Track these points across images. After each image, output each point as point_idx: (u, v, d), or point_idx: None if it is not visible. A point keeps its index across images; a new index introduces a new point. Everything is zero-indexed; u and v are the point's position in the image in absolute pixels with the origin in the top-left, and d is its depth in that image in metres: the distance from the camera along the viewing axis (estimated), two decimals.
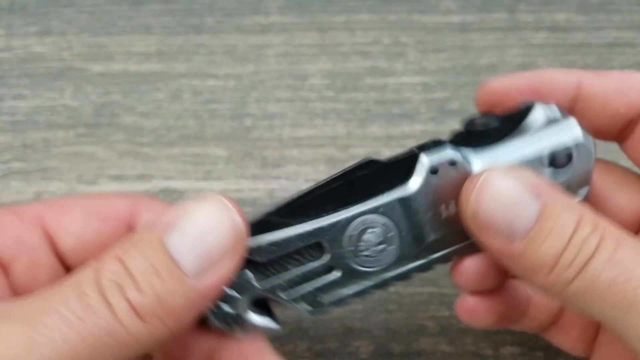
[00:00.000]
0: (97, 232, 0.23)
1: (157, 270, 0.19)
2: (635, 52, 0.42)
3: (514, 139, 0.23)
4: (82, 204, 0.24)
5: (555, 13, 0.44)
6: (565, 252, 0.20)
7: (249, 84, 0.40)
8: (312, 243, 0.23)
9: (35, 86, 0.40)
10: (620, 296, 0.19)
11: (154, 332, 0.19)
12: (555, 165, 0.23)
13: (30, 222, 0.23)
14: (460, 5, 0.44)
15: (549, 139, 0.23)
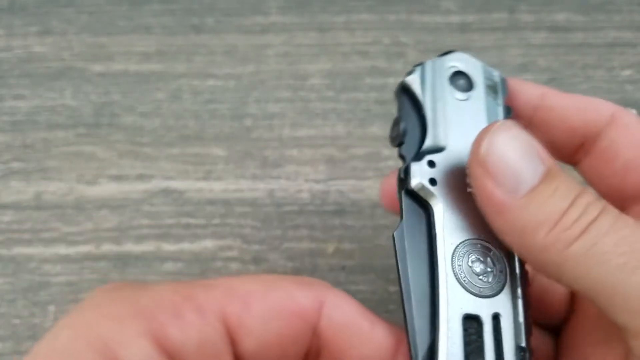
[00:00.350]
0: (278, 334, 0.22)
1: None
2: (635, 52, 0.42)
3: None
4: (264, 297, 0.22)
5: (555, 13, 0.44)
6: (571, 209, 0.20)
7: (249, 84, 0.40)
8: None
9: (35, 86, 0.40)
10: (626, 257, 0.19)
11: None
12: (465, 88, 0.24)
13: (213, 317, 0.21)
14: (460, 5, 0.44)
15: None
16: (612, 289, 0.19)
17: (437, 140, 0.23)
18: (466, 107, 0.24)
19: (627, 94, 0.41)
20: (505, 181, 0.20)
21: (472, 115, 0.24)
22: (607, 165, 0.25)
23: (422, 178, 0.22)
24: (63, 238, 0.35)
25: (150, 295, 0.20)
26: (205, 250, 0.35)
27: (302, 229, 0.35)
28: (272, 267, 0.34)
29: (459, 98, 0.24)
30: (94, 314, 0.19)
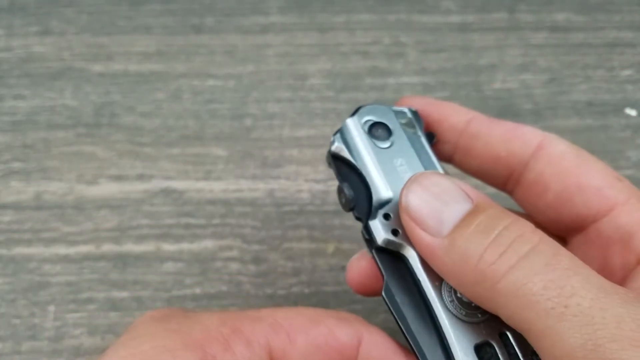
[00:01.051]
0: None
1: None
2: (635, 52, 0.42)
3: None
4: (307, 332, 0.23)
5: (555, 13, 0.44)
6: (494, 243, 0.19)
7: (249, 84, 0.40)
8: None
9: (35, 86, 0.40)
10: (554, 302, 0.18)
11: None
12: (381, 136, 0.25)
13: (260, 350, 0.22)
14: (460, 5, 0.44)
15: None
16: (541, 332, 0.18)
17: (382, 193, 0.24)
18: (394, 151, 0.25)
19: (627, 94, 0.41)
20: (429, 224, 0.21)
21: (402, 157, 0.25)
22: (539, 197, 0.25)
23: (385, 233, 0.23)
24: (63, 238, 0.35)
25: (199, 327, 0.21)
26: (205, 250, 0.35)
27: (302, 229, 0.35)
28: (272, 267, 0.34)
29: (384, 147, 0.25)
30: (148, 345, 0.20)
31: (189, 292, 0.33)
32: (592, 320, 0.17)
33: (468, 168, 0.27)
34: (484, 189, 0.28)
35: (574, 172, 0.24)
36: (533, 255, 0.19)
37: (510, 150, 0.25)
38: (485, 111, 0.41)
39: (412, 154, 0.25)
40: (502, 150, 0.25)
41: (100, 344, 0.31)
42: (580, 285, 0.18)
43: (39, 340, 0.31)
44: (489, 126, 0.25)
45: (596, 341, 0.17)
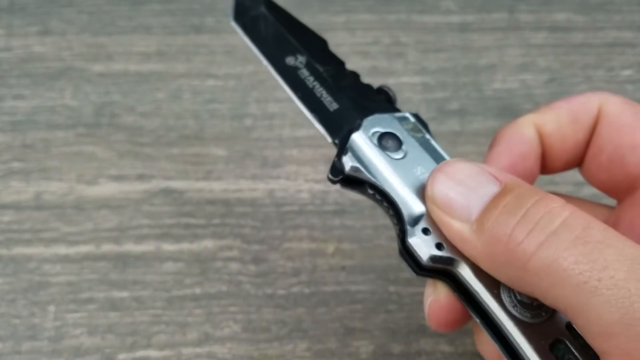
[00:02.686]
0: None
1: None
2: (635, 52, 0.42)
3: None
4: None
5: (555, 13, 0.44)
6: (522, 221, 0.19)
7: (249, 84, 0.40)
8: None
9: (35, 86, 0.40)
10: (586, 276, 0.17)
11: None
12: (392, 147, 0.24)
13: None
14: (460, 5, 0.44)
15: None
16: (576, 308, 0.17)
17: (414, 207, 0.22)
18: (410, 161, 0.23)
19: (627, 94, 0.41)
20: (457, 210, 0.20)
21: (420, 165, 0.23)
22: (594, 159, 0.24)
23: (429, 249, 0.21)
24: (63, 238, 0.35)
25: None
26: (205, 250, 0.35)
27: (302, 229, 0.35)
28: (272, 267, 0.34)
29: (399, 157, 0.23)
30: None
31: (189, 292, 0.33)
32: (628, 293, 0.17)
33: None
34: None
35: (628, 130, 0.23)
36: (562, 229, 0.18)
37: (582, 129, 0.24)
38: (485, 111, 0.41)
39: (429, 159, 0.23)
40: (577, 133, 0.24)
41: (100, 344, 0.31)
42: (614, 258, 0.17)
43: (39, 340, 0.31)
44: (555, 116, 0.24)
45: (634, 314, 0.16)
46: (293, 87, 0.27)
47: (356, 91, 0.26)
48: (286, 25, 0.28)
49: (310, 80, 0.27)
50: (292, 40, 0.28)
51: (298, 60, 0.27)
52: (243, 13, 0.29)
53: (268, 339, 0.33)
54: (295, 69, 0.27)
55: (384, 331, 0.33)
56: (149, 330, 0.32)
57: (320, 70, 0.27)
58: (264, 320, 0.33)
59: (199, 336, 0.32)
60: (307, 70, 0.27)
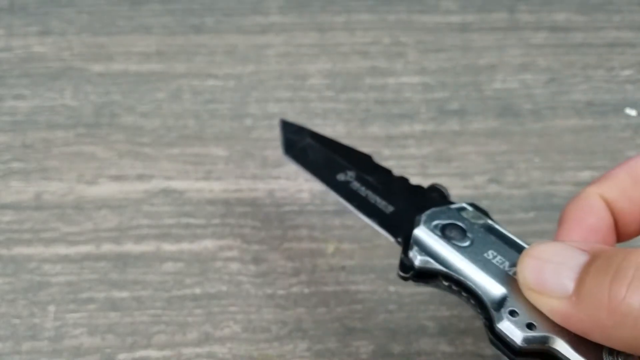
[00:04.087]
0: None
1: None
2: (635, 52, 0.42)
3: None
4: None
5: (555, 13, 0.44)
6: (615, 280, 0.18)
7: (249, 84, 0.40)
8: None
9: (35, 86, 0.40)
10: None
11: None
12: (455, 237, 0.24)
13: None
14: (460, 5, 0.44)
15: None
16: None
17: (495, 291, 0.22)
18: (479, 246, 0.23)
19: (627, 94, 0.41)
20: (552, 288, 0.20)
21: (490, 249, 0.23)
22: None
23: (522, 331, 0.20)
24: (63, 238, 0.35)
25: None
26: (205, 250, 0.35)
27: (302, 229, 0.35)
28: (272, 267, 0.34)
29: (466, 245, 0.23)
30: None
31: (189, 292, 0.33)
32: None
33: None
34: None
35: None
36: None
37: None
38: (485, 111, 0.41)
39: (498, 242, 0.23)
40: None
41: (100, 344, 0.31)
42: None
43: (39, 340, 0.31)
44: (615, 187, 0.24)
45: None
46: (347, 198, 0.28)
47: (408, 192, 0.28)
48: (331, 148, 0.31)
49: (362, 190, 0.28)
50: (340, 160, 0.30)
51: (348, 176, 0.29)
52: (291, 146, 0.32)
53: (268, 339, 0.33)
54: (347, 183, 0.29)
55: (384, 331, 0.33)
56: (149, 330, 0.32)
57: (370, 180, 0.29)
58: (264, 320, 0.33)
59: (199, 336, 0.32)
60: (357, 182, 0.29)
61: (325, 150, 0.31)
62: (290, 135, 0.33)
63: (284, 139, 0.33)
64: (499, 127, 0.39)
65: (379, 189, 0.28)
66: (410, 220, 0.25)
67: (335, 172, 0.30)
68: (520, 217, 0.35)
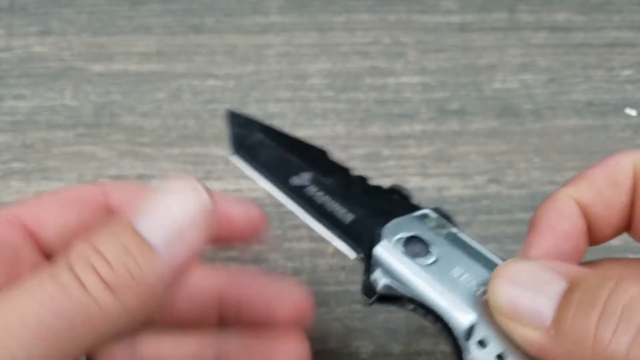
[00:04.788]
0: (77, 220, 0.24)
1: (126, 247, 0.19)
2: (635, 52, 0.42)
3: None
4: (56, 196, 0.24)
5: (555, 13, 0.44)
6: (602, 320, 0.17)
7: (249, 84, 0.40)
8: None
9: (35, 86, 0.40)
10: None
11: (128, 306, 0.19)
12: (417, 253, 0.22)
13: (8, 222, 0.23)
14: (460, 5, 0.44)
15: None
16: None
17: (463, 319, 0.20)
18: (444, 264, 0.21)
19: (627, 94, 0.41)
20: (528, 317, 0.18)
21: (456, 265, 0.21)
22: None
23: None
24: None
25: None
26: (205, 250, 0.35)
27: (302, 229, 0.35)
28: (272, 267, 0.34)
29: (431, 262, 0.21)
30: None
31: None
32: None
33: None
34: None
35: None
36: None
37: (624, 191, 0.23)
38: (486, 111, 0.41)
39: (465, 257, 0.22)
40: (619, 196, 0.23)
41: None
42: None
43: None
44: (590, 186, 0.23)
45: None
46: (303, 207, 0.25)
47: (368, 196, 0.25)
48: (284, 144, 0.28)
49: (319, 195, 0.26)
50: (294, 159, 0.27)
51: (303, 179, 0.26)
52: (241, 144, 0.28)
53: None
54: (302, 188, 0.26)
55: (384, 331, 0.33)
56: None
57: (327, 182, 0.26)
58: None
59: None
60: (313, 186, 0.26)
61: (278, 147, 0.28)
62: (238, 129, 0.28)
63: (232, 135, 0.28)
64: (499, 127, 0.39)
65: (337, 193, 0.25)
66: (370, 233, 0.23)
67: (289, 174, 0.26)
68: (520, 217, 0.35)
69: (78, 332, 0.18)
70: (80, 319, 0.18)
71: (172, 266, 0.20)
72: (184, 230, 0.20)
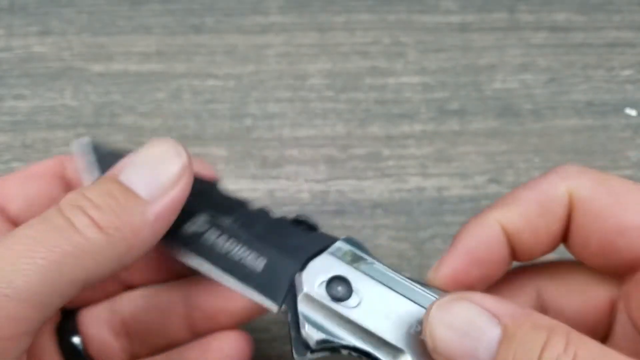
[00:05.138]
0: (38, 191, 0.26)
1: (111, 193, 0.21)
2: (635, 52, 0.42)
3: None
4: (18, 173, 0.26)
5: (555, 13, 0.44)
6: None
7: (249, 84, 0.40)
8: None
9: (35, 86, 0.40)
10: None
11: (116, 245, 0.21)
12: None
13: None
14: (460, 5, 0.44)
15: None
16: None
17: (396, 355, 0.20)
18: (369, 302, 0.21)
19: (627, 94, 0.41)
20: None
21: (381, 303, 0.21)
22: (583, 249, 0.23)
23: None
24: None
25: None
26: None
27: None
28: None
29: (356, 305, 0.21)
30: None
31: None
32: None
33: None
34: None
35: (607, 215, 0.22)
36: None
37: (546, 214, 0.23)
38: (486, 111, 0.41)
39: (386, 291, 0.21)
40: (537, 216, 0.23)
41: None
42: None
43: None
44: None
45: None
46: (206, 259, 0.23)
47: (274, 233, 0.23)
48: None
49: (222, 241, 0.23)
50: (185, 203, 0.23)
51: (197, 223, 0.24)
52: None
53: (268, 339, 0.33)
54: (199, 236, 0.23)
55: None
56: None
57: (227, 223, 0.23)
58: (264, 320, 0.33)
59: None
60: (213, 231, 0.23)
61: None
62: (104, 165, 0.24)
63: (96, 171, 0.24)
64: (499, 127, 0.39)
65: (240, 235, 0.23)
66: (288, 279, 0.22)
67: (180, 219, 0.22)
68: None
69: (69, 268, 0.20)
70: (71, 255, 0.20)
71: (156, 212, 0.21)
72: (165, 181, 0.22)
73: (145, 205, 0.21)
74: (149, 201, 0.21)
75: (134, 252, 0.21)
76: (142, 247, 0.21)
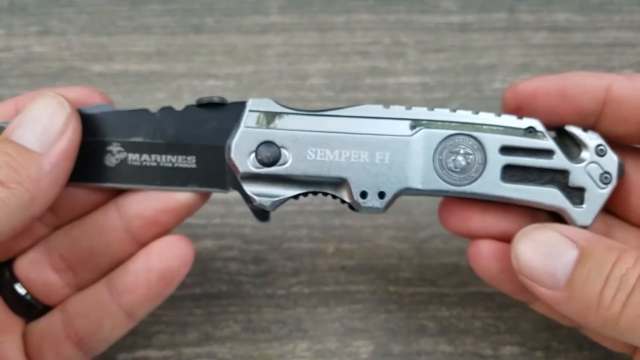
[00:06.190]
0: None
1: (6, 152, 0.23)
2: (635, 52, 0.42)
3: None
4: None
5: (555, 13, 0.44)
6: (605, 289, 0.21)
7: (249, 84, 0.40)
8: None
9: (35, 86, 0.40)
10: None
11: (19, 197, 0.22)
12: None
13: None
14: (460, 5, 0.44)
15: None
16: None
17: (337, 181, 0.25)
18: (297, 156, 0.25)
19: None
20: (546, 281, 0.23)
21: (309, 149, 0.25)
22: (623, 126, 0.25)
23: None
24: None
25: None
26: (205, 250, 0.35)
27: (302, 229, 0.35)
28: (272, 267, 0.34)
29: (286, 161, 0.25)
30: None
31: (189, 292, 0.33)
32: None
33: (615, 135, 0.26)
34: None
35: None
36: (637, 290, 0.21)
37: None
38: (485, 111, 0.41)
39: (308, 135, 0.25)
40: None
41: None
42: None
43: None
44: (631, 85, 0.25)
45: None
46: (142, 181, 0.26)
47: (188, 127, 0.25)
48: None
49: (146, 159, 0.25)
50: (94, 139, 0.26)
51: (115, 154, 0.26)
52: None
53: (268, 339, 0.33)
54: (123, 163, 0.26)
55: (384, 331, 0.33)
56: (149, 330, 0.32)
57: (140, 140, 0.25)
58: (264, 320, 0.33)
59: (199, 336, 0.32)
60: (132, 154, 0.26)
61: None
62: None
63: None
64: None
65: (158, 146, 0.25)
66: (222, 165, 0.24)
67: (97, 157, 0.25)
68: None
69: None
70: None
71: (51, 162, 0.23)
72: (54, 132, 0.24)
73: (40, 157, 0.23)
74: (42, 153, 0.23)
75: (40, 200, 0.23)
76: (46, 195, 0.23)
